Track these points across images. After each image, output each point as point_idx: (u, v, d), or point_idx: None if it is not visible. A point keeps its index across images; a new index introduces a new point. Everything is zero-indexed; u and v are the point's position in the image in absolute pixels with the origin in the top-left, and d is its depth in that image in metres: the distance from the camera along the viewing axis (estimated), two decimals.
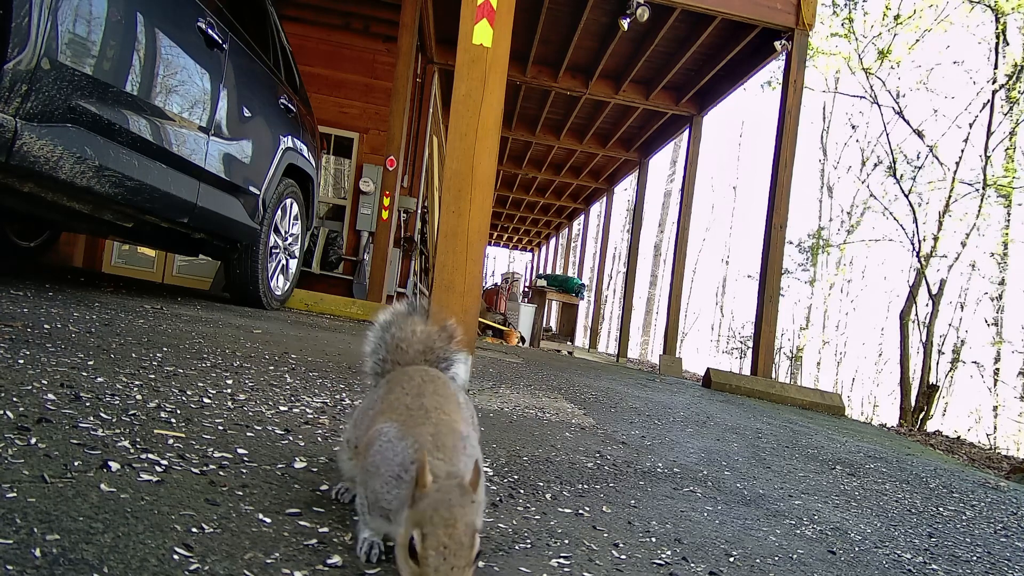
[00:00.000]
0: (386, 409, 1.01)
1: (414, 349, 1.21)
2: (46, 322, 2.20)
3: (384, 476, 0.90)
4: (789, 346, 25.00)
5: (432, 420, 0.96)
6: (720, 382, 5.69)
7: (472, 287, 2.83)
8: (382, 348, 1.23)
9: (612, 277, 31.46)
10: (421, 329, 1.24)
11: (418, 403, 1.00)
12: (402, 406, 1.00)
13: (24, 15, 2.24)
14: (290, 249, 5.02)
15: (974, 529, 2.11)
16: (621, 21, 7.41)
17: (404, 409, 0.99)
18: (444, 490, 0.80)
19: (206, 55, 3.48)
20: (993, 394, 15.65)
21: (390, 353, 1.21)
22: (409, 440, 0.92)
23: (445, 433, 0.94)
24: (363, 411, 1.09)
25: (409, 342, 1.22)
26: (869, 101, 14.06)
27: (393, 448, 0.92)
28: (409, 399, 1.01)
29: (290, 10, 7.56)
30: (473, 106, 2.86)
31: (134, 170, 2.97)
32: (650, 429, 2.81)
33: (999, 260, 16.22)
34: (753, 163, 50.27)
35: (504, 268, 25.84)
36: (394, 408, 1.00)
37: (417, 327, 1.24)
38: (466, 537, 0.76)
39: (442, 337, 1.25)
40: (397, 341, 1.21)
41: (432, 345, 1.23)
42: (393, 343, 1.21)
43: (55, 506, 0.89)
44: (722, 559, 1.34)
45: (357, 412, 1.12)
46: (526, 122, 12.12)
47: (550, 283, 14.64)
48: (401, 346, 1.21)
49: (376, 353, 1.24)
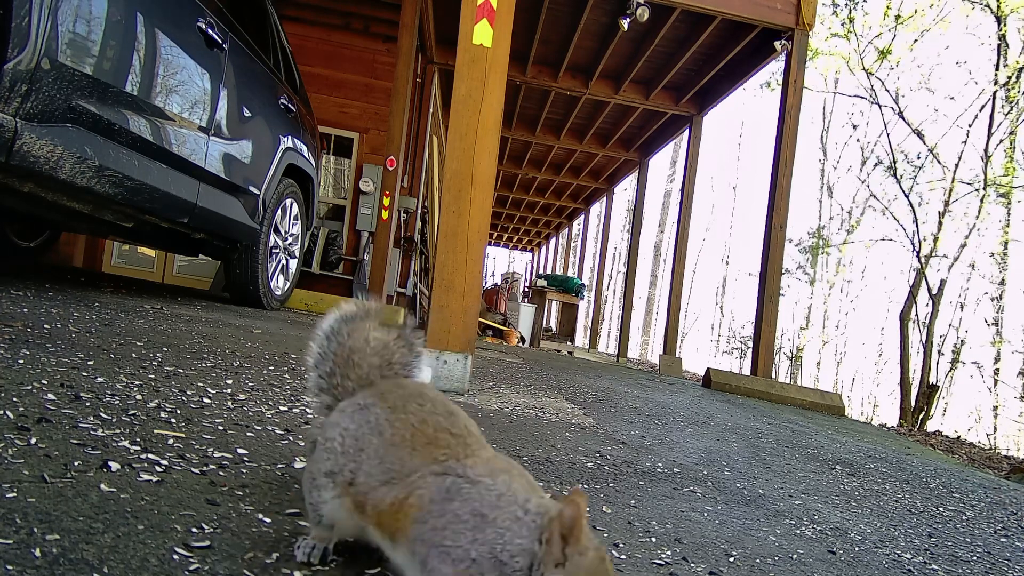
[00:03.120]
0: (412, 438, 0.84)
1: (369, 362, 1.02)
2: (46, 322, 2.20)
3: (496, 536, 0.71)
4: (789, 346, 25.00)
5: (487, 453, 0.82)
6: (720, 382, 5.69)
7: (472, 287, 2.83)
8: (328, 360, 1.03)
9: (612, 277, 31.46)
10: (376, 336, 1.05)
11: (452, 426, 0.85)
12: (439, 433, 0.83)
13: (24, 15, 2.24)
14: (290, 249, 5.02)
15: (974, 529, 2.11)
16: (621, 21, 7.41)
17: (447, 438, 0.83)
18: (593, 546, 0.70)
19: (206, 55, 3.48)
20: (993, 394, 15.65)
21: (340, 367, 1.02)
22: (501, 486, 0.75)
23: (514, 467, 0.80)
24: (353, 436, 0.88)
25: (363, 353, 1.03)
26: (869, 101, 14.06)
27: (491, 500, 0.74)
28: (438, 419, 0.86)
29: (290, 10, 7.56)
30: (473, 106, 2.86)
31: (134, 170, 2.97)
32: (650, 429, 2.81)
33: (999, 260, 16.22)
34: (753, 163, 50.23)
35: (504, 268, 25.85)
36: (422, 436, 0.83)
37: (371, 334, 1.05)
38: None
39: (401, 345, 1.07)
40: (348, 352, 1.02)
41: (391, 358, 1.05)
42: (343, 354, 1.02)
43: (55, 506, 0.89)
44: (722, 559, 1.34)
45: (336, 436, 0.90)
46: (526, 122, 12.11)
47: (550, 283, 14.64)
48: (353, 358, 1.02)
49: (321, 366, 1.04)
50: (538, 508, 0.73)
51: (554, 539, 0.69)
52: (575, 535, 0.68)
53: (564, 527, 0.69)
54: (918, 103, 39.37)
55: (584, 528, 0.69)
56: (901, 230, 14.03)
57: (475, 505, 0.74)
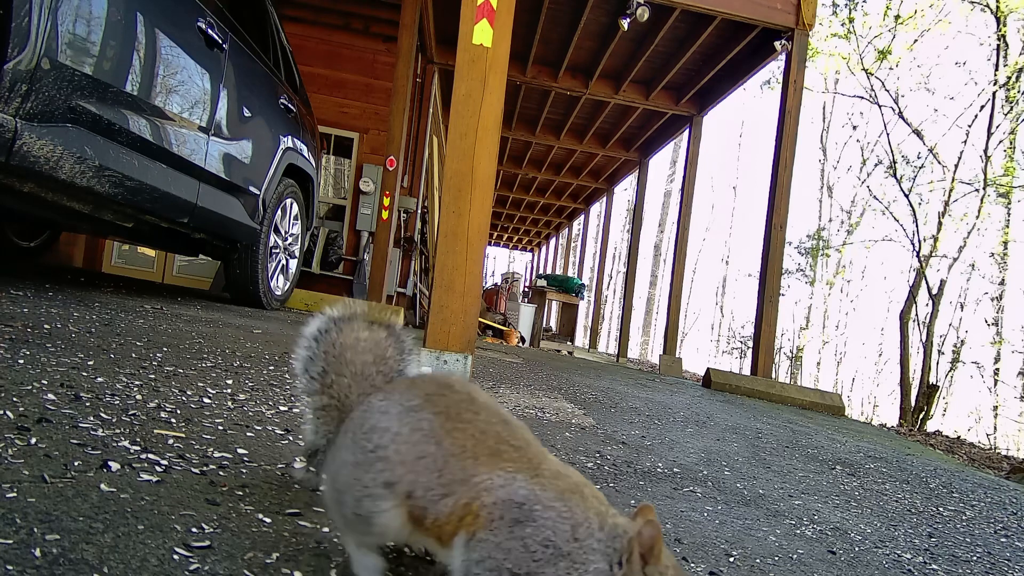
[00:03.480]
0: (474, 448, 0.80)
1: (362, 359, 1.03)
2: (46, 322, 2.20)
3: (569, 567, 0.70)
4: (789, 346, 25.00)
5: (551, 466, 0.80)
6: (720, 382, 5.69)
7: (472, 287, 2.83)
8: (319, 360, 1.03)
9: (612, 277, 31.46)
10: (367, 336, 1.05)
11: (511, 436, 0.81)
12: (500, 446, 0.80)
13: (24, 15, 2.24)
14: (290, 249, 5.02)
15: (974, 529, 2.11)
16: (621, 21, 7.41)
17: (510, 452, 0.79)
18: (672, 564, 0.70)
19: (206, 55, 3.48)
20: (993, 394, 15.65)
21: (332, 365, 1.02)
22: (576, 515, 0.74)
23: (582, 484, 0.78)
24: (407, 442, 0.82)
25: (356, 351, 1.03)
26: (869, 101, 14.06)
27: (565, 532, 0.72)
28: (496, 430, 0.82)
29: (290, 10, 7.56)
30: (473, 106, 2.86)
31: (134, 170, 2.97)
32: (650, 429, 2.81)
33: (999, 260, 16.22)
34: (753, 163, 50.24)
35: (504, 268, 25.86)
36: (484, 448, 0.79)
37: (362, 333, 1.05)
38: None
39: (393, 343, 1.07)
40: (340, 350, 1.03)
41: (384, 354, 1.05)
42: (335, 353, 1.02)
43: (55, 506, 0.89)
44: (722, 559, 1.34)
45: (388, 443, 0.83)
46: (526, 122, 12.11)
47: (550, 283, 14.64)
48: (346, 355, 1.02)
49: (311, 368, 1.03)
50: (612, 530, 0.72)
51: (634, 559, 0.69)
52: (655, 555, 0.69)
53: (644, 547, 0.69)
54: (918, 103, 39.38)
55: (663, 547, 0.69)
56: (901, 230, 14.05)
57: (548, 535, 0.72)
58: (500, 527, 0.73)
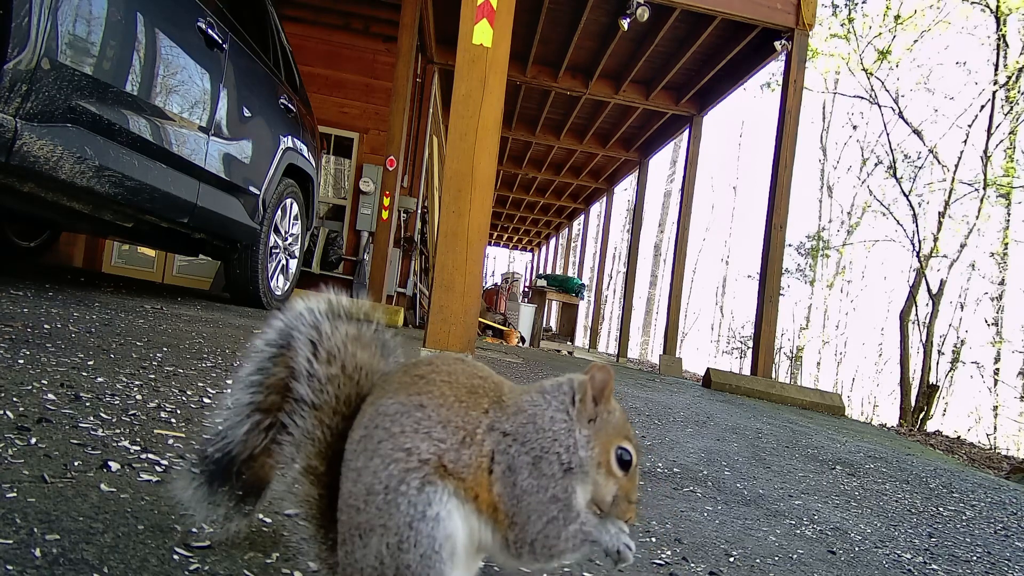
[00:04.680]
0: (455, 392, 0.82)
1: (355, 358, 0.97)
2: (46, 322, 2.20)
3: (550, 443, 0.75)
4: (789, 346, 25.00)
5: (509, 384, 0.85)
6: (720, 382, 5.69)
7: (472, 287, 2.83)
8: None
9: (612, 277, 31.46)
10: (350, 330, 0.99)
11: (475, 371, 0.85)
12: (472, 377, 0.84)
13: (24, 15, 2.24)
14: (290, 249, 5.02)
15: (974, 529, 2.10)
16: (621, 21, 7.41)
17: (480, 381, 0.84)
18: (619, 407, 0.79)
19: (206, 55, 3.48)
20: (993, 394, 15.65)
21: None
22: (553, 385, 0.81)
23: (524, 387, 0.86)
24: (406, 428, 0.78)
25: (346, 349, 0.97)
26: (869, 101, 14.07)
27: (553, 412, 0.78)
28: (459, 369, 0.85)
29: (290, 10, 7.56)
30: (473, 106, 2.86)
31: (134, 170, 2.97)
32: (650, 429, 2.81)
33: (999, 260, 16.22)
34: (753, 163, 50.25)
35: (504, 268, 25.84)
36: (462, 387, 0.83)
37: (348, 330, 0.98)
38: None
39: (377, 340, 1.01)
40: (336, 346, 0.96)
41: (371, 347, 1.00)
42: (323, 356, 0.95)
43: (55, 506, 0.89)
44: (722, 559, 1.34)
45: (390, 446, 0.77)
46: (526, 122, 12.11)
47: (550, 283, 14.63)
48: None
49: None
50: (558, 385, 0.80)
51: (587, 398, 0.77)
52: (605, 396, 0.77)
53: (596, 389, 0.77)
54: (918, 103, 39.42)
55: (612, 391, 0.76)
56: (901, 230, 14.05)
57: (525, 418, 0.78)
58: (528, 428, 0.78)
